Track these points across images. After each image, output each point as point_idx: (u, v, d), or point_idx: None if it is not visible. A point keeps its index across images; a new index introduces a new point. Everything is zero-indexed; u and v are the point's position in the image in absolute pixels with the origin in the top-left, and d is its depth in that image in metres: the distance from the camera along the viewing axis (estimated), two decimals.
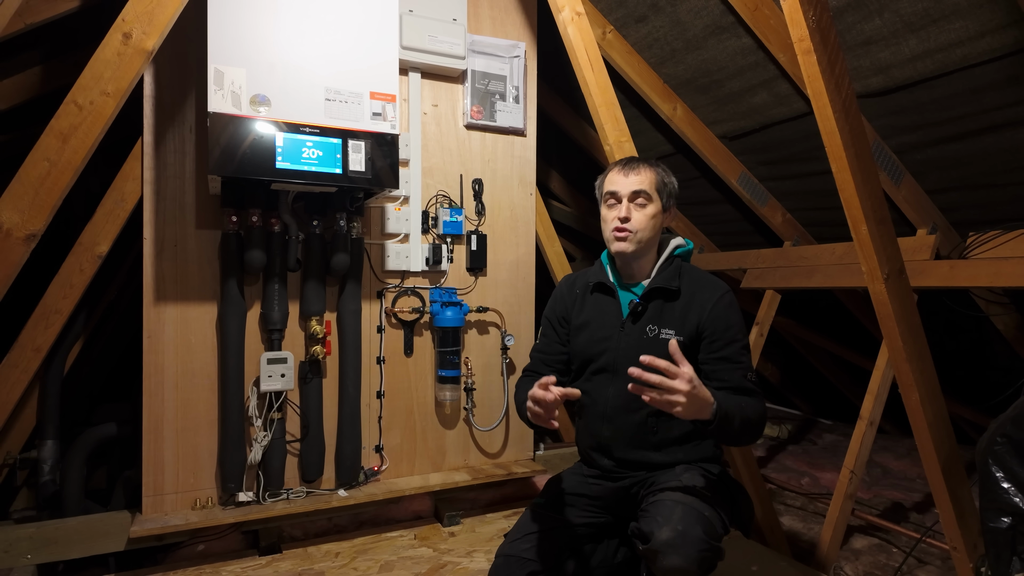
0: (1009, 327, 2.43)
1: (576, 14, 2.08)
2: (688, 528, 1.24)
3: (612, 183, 1.53)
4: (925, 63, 1.83)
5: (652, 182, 1.51)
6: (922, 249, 2.23)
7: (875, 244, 1.60)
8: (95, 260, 1.99)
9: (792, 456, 3.40)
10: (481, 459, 2.43)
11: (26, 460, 2.25)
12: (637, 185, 1.49)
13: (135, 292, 2.49)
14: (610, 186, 1.54)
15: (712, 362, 1.45)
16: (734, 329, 1.45)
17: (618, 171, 1.54)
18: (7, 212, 1.54)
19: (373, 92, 1.83)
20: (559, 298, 1.67)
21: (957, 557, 1.82)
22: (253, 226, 1.93)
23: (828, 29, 1.45)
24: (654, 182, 1.51)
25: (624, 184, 1.51)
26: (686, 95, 2.58)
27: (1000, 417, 1.47)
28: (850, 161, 1.52)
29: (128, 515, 1.90)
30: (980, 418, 3.10)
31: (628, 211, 1.50)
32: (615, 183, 1.53)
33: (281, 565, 1.89)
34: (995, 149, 1.96)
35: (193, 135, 1.94)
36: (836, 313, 3.24)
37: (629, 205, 1.50)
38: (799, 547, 2.52)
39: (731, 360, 1.43)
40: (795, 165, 2.57)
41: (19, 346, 1.98)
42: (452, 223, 2.28)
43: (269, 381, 1.96)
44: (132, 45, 1.58)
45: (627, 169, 1.52)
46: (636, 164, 1.53)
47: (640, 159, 1.56)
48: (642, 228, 1.49)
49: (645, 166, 1.53)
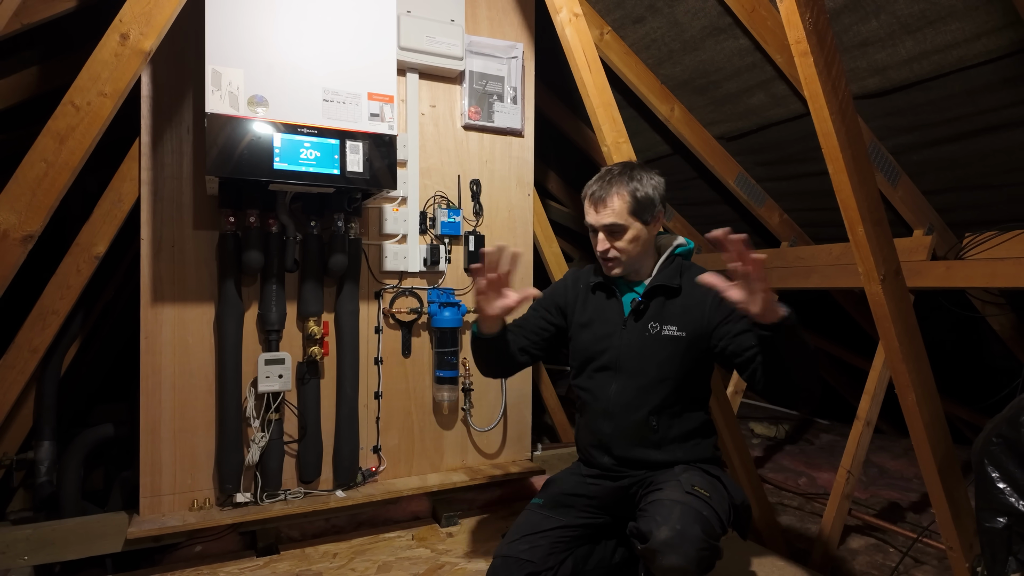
0: (1005, 327, 2.44)
1: (574, 15, 2.08)
2: (686, 528, 1.24)
3: (587, 213, 1.54)
4: (921, 64, 1.84)
5: (623, 211, 1.48)
6: (918, 250, 2.24)
7: (872, 245, 1.60)
8: (92, 261, 1.98)
9: (789, 456, 3.40)
10: (479, 459, 2.43)
11: (23, 461, 2.24)
12: (607, 219, 1.49)
13: (132, 293, 2.48)
14: (587, 216, 1.55)
15: (736, 336, 1.41)
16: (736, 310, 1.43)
17: (589, 201, 1.53)
18: (4, 213, 1.53)
19: (371, 93, 1.83)
20: (562, 288, 1.68)
21: (953, 557, 1.82)
22: (251, 227, 1.93)
23: (825, 31, 1.46)
24: (626, 209, 1.48)
25: (596, 218, 1.51)
26: (683, 96, 2.59)
27: (996, 417, 1.47)
28: (847, 162, 1.52)
29: (125, 516, 1.89)
30: (976, 418, 3.11)
31: (605, 243, 1.51)
32: (589, 215, 1.53)
33: (279, 566, 1.89)
34: (991, 150, 1.97)
35: (191, 136, 1.94)
36: (833, 313, 3.25)
37: (605, 238, 1.51)
38: (796, 547, 2.52)
39: (746, 324, 1.39)
40: (792, 166, 2.57)
41: (16, 347, 1.97)
42: (450, 224, 2.28)
43: (267, 382, 1.95)
44: (130, 46, 1.58)
45: (595, 200, 1.50)
46: (605, 194, 1.49)
47: (612, 179, 1.50)
48: (624, 253, 1.51)
49: (614, 193, 1.48)
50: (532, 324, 1.66)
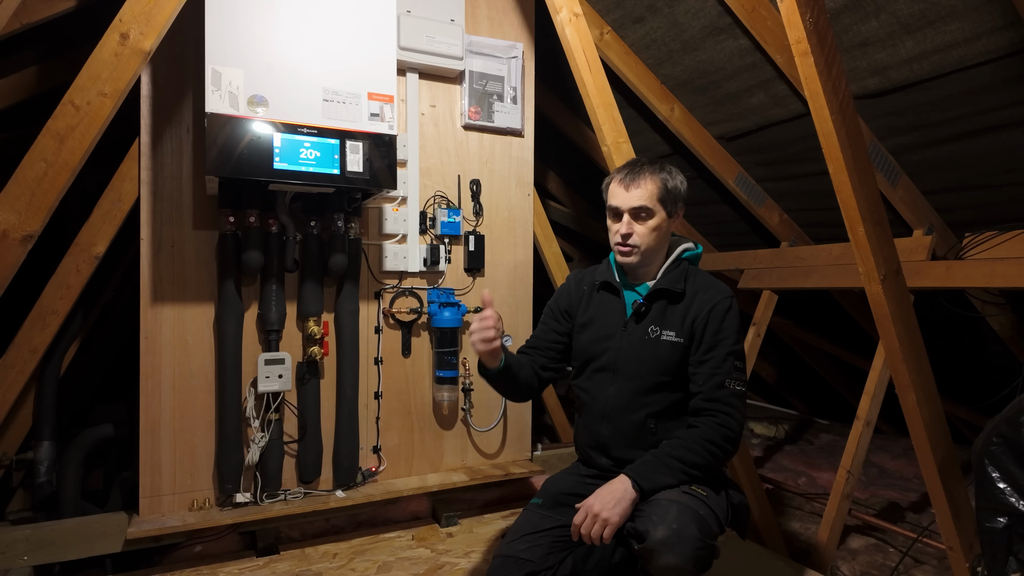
0: (1005, 327, 2.44)
1: (574, 15, 2.08)
2: (683, 527, 1.24)
3: (613, 196, 1.51)
4: (922, 64, 1.84)
5: (654, 194, 1.47)
6: (918, 250, 2.24)
7: (872, 245, 1.60)
8: (92, 261, 1.98)
9: (789, 456, 3.40)
10: (479, 460, 2.43)
11: (22, 461, 2.24)
12: (637, 201, 1.46)
13: (132, 293, 2.48)
14: (612, 199, 1.52)
15: (694, 364, 1.45)
16: (723, 334, 1.44)
17: (619, 182, 1.50)
18: (4, 213, 1.53)
19: (371, 93, 1.83)
20: (565, 292, 1.67)
21: (953, 557, 1.83)
22: (250, 227, 1.92)
23: (825, 31, 1.46)
24: (656, 194, 1.47)
25: (624, 199, 1.48)
26: (683, 96, 2.59)
27: (996, 417, 1.47)
28: (847, 162, 1.52)
29: (125, 516, 1.89)
30: (976, 418, 3.11)
31: (629, 227, 1.48)
32: (616, 196, 1.50)
33: (279, 566, 1.89)
34: (991, 150, 1.97)
35: (190, 135, 1.94)
36: (833, 313, 3.25)
37: (630, 220, 1.49)
38: (796, 547, 2.52)
39: (711, 366, 1.43)
40: (792, 166, 2.57)
41: (15, 347, 1.97)
42: (450, 224, 2.28)
43: (267, 382, 1.95)
44: (129, 45, 1.57)
45: (628, 181, 1.49)
46: (637, 175, 1.48)
47: (643, 165, 1.50)
48: (645, 241, 1.48)
49: (647, 176, 1.48)
50: (546, 340, 1.65)
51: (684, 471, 1.36)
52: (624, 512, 1.31)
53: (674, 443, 1.40)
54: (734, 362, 1.43)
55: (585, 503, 1.34)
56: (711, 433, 1.39)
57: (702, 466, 1.37)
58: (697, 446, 1.38)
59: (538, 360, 1.64)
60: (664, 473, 1.35)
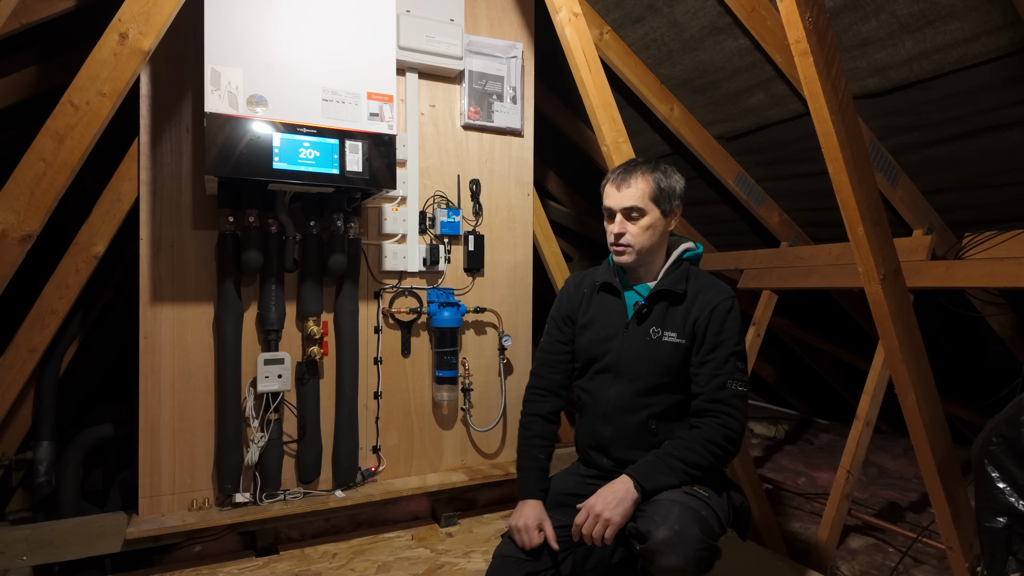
0: (1005, 327, 2.44)
1: (573, 15, 2.08)
2: (685, 527, 1.24)
3: (607, 196, 1.53)
4: (921, 64, 1.84)
5: (646, 194, 1.47)
6: (918, 250, 2.24)
7: (871, 245, 1.60)
8: (91, 260, 1.98)
9: (789, 456, 3.40)
10: (478, 459, 2.42)
11: (22, 461, 2.24)
12: (629, 201, 1.48)
13: (131, 293, 2.48)
14: (605, 199, 1.53)
15: (696, 365, 1.46)
16: (725, 335, 1.44)
17: (612, 183, 1.52)
18: (3, 212, 1.53)
19: (370, 92, 1.83)
20: (565, 297, 1.67)
21: (953, 557, 1.82)
22: (250, 226, 1.92)
23: (825, 30, 1.46)
24: (648, 193, 1.47)
25: (616, 199, 1.50)
26: (683, 96, 2.59)
27: (996, 417, 1.47)
28: (847, 162, 1.52)
29: (124, 516, 1.89)
30: (976, 418, 3.11)
31: (622, 226, 1.50)
32: (609, 197, 1.52)
33: (278, 566, 1.88)
34: (991, 150, 1.96)
35: (190, 135, 1.94)
36: (833, 313, 3.25)
37: (623, 220, 1.50)
38: (796, 547, 2.52)
39: (713, 367, 1.43)
40: (792, 166, 2.57)
41: (15, 347, 1.97)
42: (449, 223, 2.28)
43: (266, 382, 1.95)
44: (129, 45, 1.57)
45: (619, 181, 1.50)
46: (629, 175, 1.49)
47: (637, 165, 1.51)
48: (638, 241, 1.49)
49: (639, 176, 1.49)
50: (555, 354, 1.65)
51: (686, 471, 1.36)
52: (626, 512, 1.31)
53: (676, 443, 1.40)
54: (736, 363, 1.43)
55: (587, 503, 1.34)
56: (713, 434, 1.39)
57: (704, 467, 1.37)
58: (699, 447, 1.38)
59: (555, 379, 1.64)
60: (666, 473, 1.35)
